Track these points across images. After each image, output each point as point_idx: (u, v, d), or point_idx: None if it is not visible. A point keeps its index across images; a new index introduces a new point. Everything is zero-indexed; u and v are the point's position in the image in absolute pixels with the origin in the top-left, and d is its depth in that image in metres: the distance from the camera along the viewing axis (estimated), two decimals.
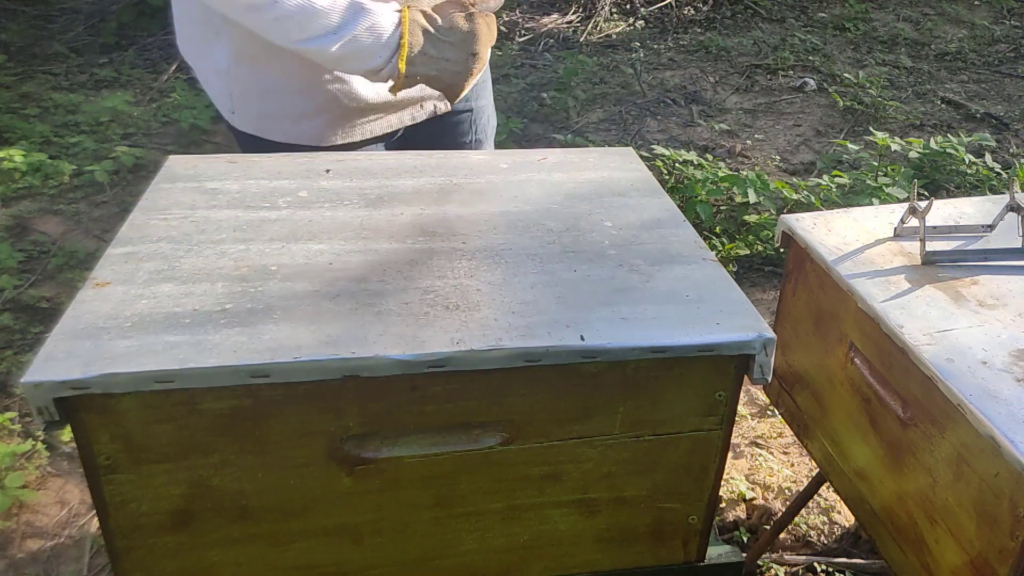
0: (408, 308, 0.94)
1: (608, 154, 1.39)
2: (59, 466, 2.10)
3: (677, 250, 1.10)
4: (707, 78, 4.76)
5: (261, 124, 1.42)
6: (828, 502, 2.06)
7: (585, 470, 1.00)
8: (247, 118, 1.42)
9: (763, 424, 2.33)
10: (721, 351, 0.94)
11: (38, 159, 3.36)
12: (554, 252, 1.07)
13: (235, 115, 1.42)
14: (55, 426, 0.84)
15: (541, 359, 0.90)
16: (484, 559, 1.04)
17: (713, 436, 1.01)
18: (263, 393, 0.87)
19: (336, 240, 1.07)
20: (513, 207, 1.18)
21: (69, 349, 0.85)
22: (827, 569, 1.89)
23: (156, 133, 3.78)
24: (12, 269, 2.81)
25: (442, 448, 0.95)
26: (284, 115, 1.40)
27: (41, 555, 1.88)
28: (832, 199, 3.21)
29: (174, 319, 0.90)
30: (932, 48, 5.34)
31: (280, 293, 0.95)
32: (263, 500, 0.94)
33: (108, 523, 0.91)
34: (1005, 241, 1.31)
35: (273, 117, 1.41)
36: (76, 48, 4.55)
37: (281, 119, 1.41)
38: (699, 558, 1.11)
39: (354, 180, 1.23)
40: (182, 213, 1.11)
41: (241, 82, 1.38)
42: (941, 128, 4.30)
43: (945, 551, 1.09)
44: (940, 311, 1.16)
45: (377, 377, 0.87)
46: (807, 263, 1.34)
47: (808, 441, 1.43)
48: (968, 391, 1.02)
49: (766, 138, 4.12)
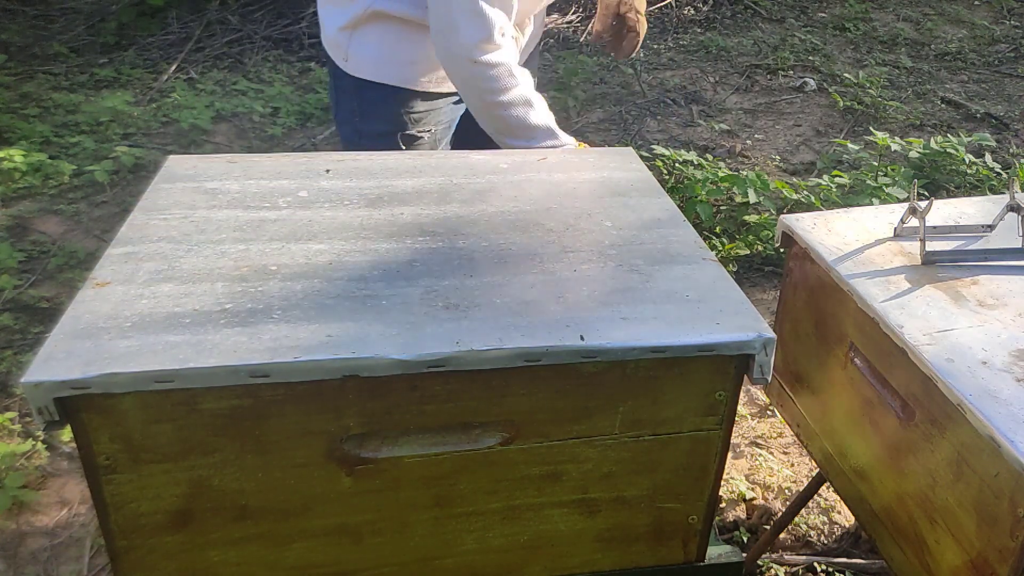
0: (408, 308, 0.94)
1: (608, 154, 1.39)
2: (59, 466, 2.10)
3: (677, 250, 1.10)
4: (707, 78, 4.76)
5: (371, 69, 1.66)
6: (828, 502, 2.06)
7: (585, 470, 1.00)
8: (360, 64, 1.66)
9: (763, 424, 2.33)
10: (721, 351, 0.94)
11: (38, 159, 3.36)
12: (554, 252, 1.07)
13: (348, 62, 1.67)
14: (55, 426, 0.84)
15: (541, 359, 0.90)
16: (484, 559, 1.04)
17: (713, 436, 1.01)
18: (263, 393, 0.87)
19: (336, 240, 1.07)
20: (513, 207, 1.18)
21: (69, 349, 0.85)
22: (827, 569, 1.89)
23: (156, 133, 3.78)
24: (12, 269, 2.81)
25: (442, 448, 0.95)
26: (392, 59, 1.64)
27: (41, 555, 1.88)
28: (832, 199, 3.21)
29: (174, 319, 0.90)
30: (932, 48, 5.34)
31: (280, 293, 0.95)
32: (263, 500, 0.94)
33: (108, 523, 0.91)
34: (1005, 241, 1.31)
35: (383, 61, 1.65)
36: (76, 48, 4.55)
37: (388, 62, 1.64)
38: (699, 558, 1.11)
39: (354, 180, 1.23)
40: (182, 213, 1.11)
41: (362, 34, 1.63)
42: (941, 128, 4.30)
43: (945, 551, 1.09)
44: (940, 311, 1.16)
45: (377, 377, 0.87)
46: (807, 263, 1.34)
47: (808, 441, 1.43)
48: (968, 391, 1.02)
49: (766, 138, 4.12)
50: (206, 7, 4.82)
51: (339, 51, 1.67)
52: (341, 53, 1.67)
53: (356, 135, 1.71)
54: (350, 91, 1.68)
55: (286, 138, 3.85)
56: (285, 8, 4.84)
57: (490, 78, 1.49)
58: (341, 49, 1.67)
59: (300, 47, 4.69)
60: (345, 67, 1.67)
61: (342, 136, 1.77)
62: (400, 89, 1.65)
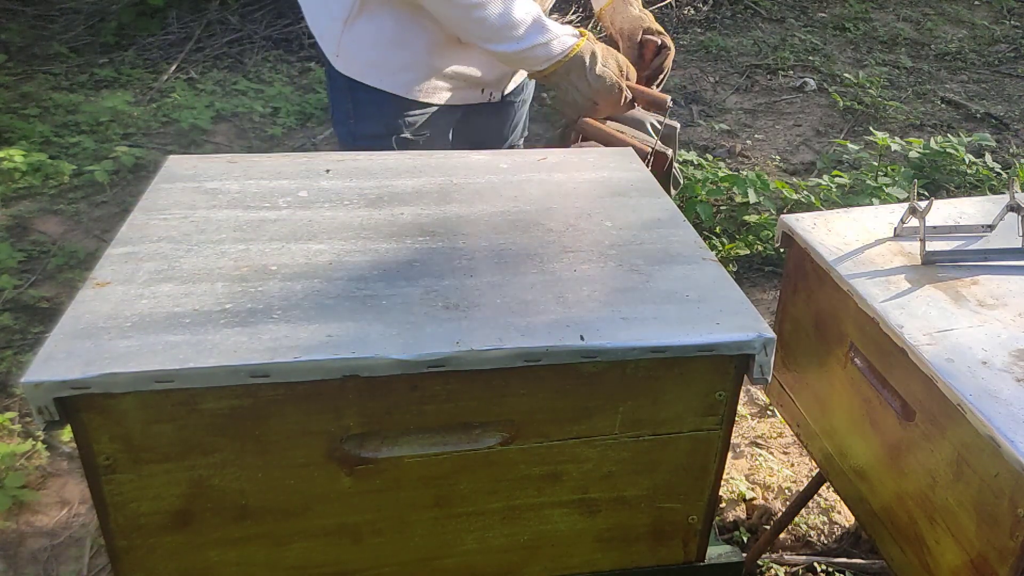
0: (408, 308, 0.94)
1: (608, 154, 1.39)
2: (59, 466, 2.10)
3: (677, 250, 1.09)
4: (707, 78, 4.76)
5: (362, 70, 1.61)
6: (828, 502, 2.06)
7: (585, 470, 1.00)
8: (351, 63, 1.61)
9: (763, 424, 2.33)
10: (721, 351, 0.94)
11: (38, 159, 3.36)
12: (554, 252, 1.07)
13: (338, 59, 1.62)
14: (55, 426, 0.84)
15: (541, 359, 0.90)
16: (484, 559, 1.04)
17: (713, 436, 1.01)
18: (263, 393, 0.87)
19: (336, 240, 1.07)
20: (513, 207, 1.18)
21: (69, 349, 0.85)
22: (827, 569, 1.89)
23: (156, 133, 3.78)
24: (12, 269, 2.81)
25: (442, 448, 0.95)
26: (384, 65, 1.60)
27: (41, 555, 1.88)
28: (832, 199, 3.21)
29: (174, 319, 0.90)
30: (932, 48, 5.35)
31: (280, 293, 0.95)
32: (263, 500, 0.94)
33: (108, 523, 0.91)
34: (1005, 241, 1.31)
35: (375, 65, 1.60)
36: (76, 48, 4.55)
37: (380, 68, 1.60)
38: (699, 558, 1.11)
39: (354, 180, 1.23)
40: (182, 213, 1.11)
41: (355, 30, 1.57)
42: (941, 128, 4.30)
43: (945, 551, 1.09)
44: (940, 311, 1.16)
45: (377, 377, 0.87)
46: (807, 263, 1.34)
47: (808, 441, 1.43)
48: (968, 391, 1.02)
49: (766, 138, 4.12)
50: (206, 7, 4.82)
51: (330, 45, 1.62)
52: (332, 48, 1.62)
53: (351, 137, 1.69)
54: (343, 90, 1.65)
55: (286, 138, 3.85)
56: (285, 8, 4.84)
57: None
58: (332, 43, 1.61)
59: (300, 47, 4.69)
60: (335, 63, 1.63)
61: (338, 136, 1.75)
62: (393, 96, 1.62)
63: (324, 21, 1.62)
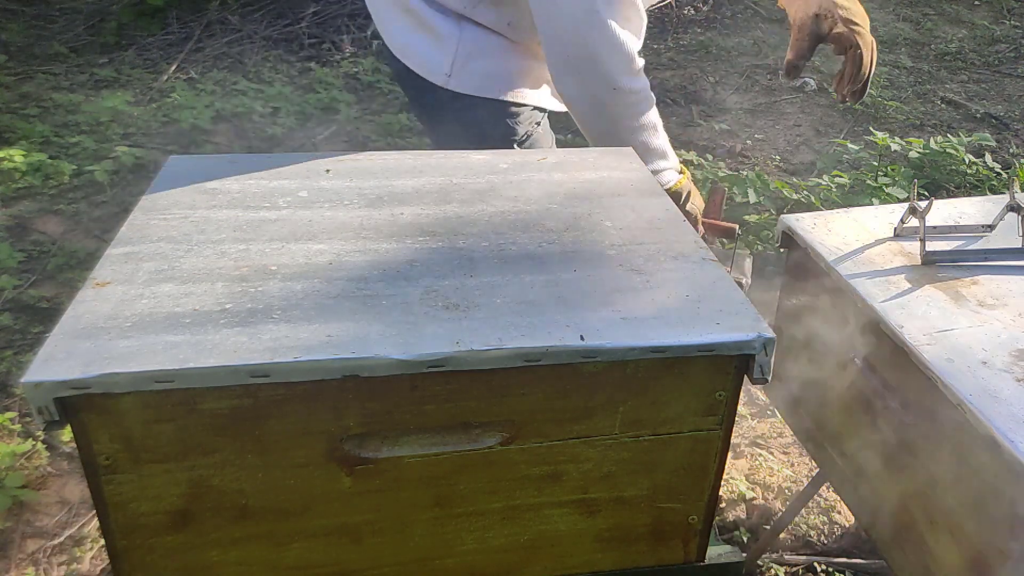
0: (408, 308, 0.94)
1: (608, 154, 1.39)
2: (59, 466, 2.10)
3: (677, 250, 1.09)
4: (707, 78, 4.76)
5: (480, 82, 1.62)
6: (828, 502, 2.06)
7: (585, 470, 1.00)
8: (465, 78, 1.61)
9: (763, 424, 2.33)
10: (721, 351, 0.94)
11: (38, 159, 3.36)
12: (554, 252, 1.07)
13: (451, 78, 1.61)
14: (55, 426, 0.84)
15: (541, 359, 0.90)
16: (484, 559, 1.04)
17: (713, 436, 1.01)
18: (263, 393, 0.87)
19: (336, 240, 1.07)
20: (513, 207, 1.18)
21: (69, 349, 0.85)
22: (827, 569, 1.89)
23: (156, 133, 3.78)
24: (12, 269, 2.81)
25: (442, 448, 0.95)
26: (499, 73, 1.62)
27: (41, 555, 1.88)
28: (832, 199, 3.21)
29: (174, 319, 0.90)
30: (932, 48, 5.35)
31: (280, 293, 0.95)
32: (263, 500, 0.94)
33: (108, 523, 0.91)
34: (1005, 241, 1.31)
35: (490, 75, 1.62)
36: (76, 48, 4.55)
37: (496, 77, 1.62)
38: (699, 558, 1.11)
39: (354, 180, 1.23)
40: (182, 213, 1.11)
41: (467, 44, 1.59)
42: (941, 128, 4.30)
43: (945, 551, 1.09)
44: (940, 311, 1.16)
45: (377, 377, 0.87)
46: (807, 263, 1.34)
47: (808, 441, 1.43)
48: (968, 391, 1.02)
49: (766, 138, 4.12)
50: (206, 7, 4.82)
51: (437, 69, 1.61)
52: (441, 70, 1.61)
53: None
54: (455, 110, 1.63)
55: (286, 138, 3.85)
56: (285, 8, 4.85)
57: (629, 104, 1.48)
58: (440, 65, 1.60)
59: (300, 47, 4.69)
60: (447, 83, 1.61)
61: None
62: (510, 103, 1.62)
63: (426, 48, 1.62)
